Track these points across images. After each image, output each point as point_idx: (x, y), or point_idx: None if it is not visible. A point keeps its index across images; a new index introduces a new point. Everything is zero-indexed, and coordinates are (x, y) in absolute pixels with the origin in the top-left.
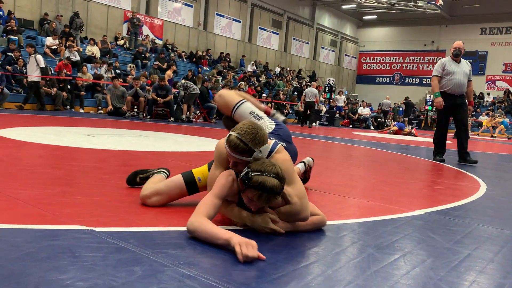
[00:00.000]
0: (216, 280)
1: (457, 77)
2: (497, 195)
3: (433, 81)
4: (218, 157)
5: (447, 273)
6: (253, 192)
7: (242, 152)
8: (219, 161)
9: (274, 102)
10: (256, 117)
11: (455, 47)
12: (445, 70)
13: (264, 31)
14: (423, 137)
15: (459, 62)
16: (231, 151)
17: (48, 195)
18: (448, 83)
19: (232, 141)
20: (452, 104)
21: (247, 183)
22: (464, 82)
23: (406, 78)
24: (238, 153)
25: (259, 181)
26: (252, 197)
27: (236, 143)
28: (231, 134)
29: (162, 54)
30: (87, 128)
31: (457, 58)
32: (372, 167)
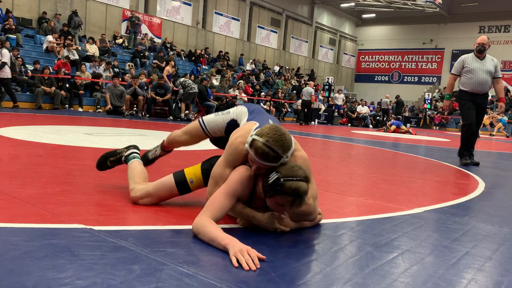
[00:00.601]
0: (214, 279)
1: (477, 76)
2: (495, 193)
3: (448, 80)
4: (232, 158)
5: (445, 271)
6: (285, 198)
7: (271, 160)
8: (231, 161)
9: (273, 101)
10: (224, 113)
11: (478, 42)
12: (465, 68)
13: (263, 30)
14: (421, 136)
15: (483, 58)
16: (258, 158)
17: (47, 194)
18: (468, 81)
19: (260, 149)
20: (475, 103)
21: (279, 189)
22: (487, 80)
23: (404, 77)
24: (266, 160)
25: (292, 187)
26: (283, 203)
27: (265, 151)
28: (257, 140)
29: (161, 52)
30: (86, 127)
31: (480, 55)
32: (371, 165)
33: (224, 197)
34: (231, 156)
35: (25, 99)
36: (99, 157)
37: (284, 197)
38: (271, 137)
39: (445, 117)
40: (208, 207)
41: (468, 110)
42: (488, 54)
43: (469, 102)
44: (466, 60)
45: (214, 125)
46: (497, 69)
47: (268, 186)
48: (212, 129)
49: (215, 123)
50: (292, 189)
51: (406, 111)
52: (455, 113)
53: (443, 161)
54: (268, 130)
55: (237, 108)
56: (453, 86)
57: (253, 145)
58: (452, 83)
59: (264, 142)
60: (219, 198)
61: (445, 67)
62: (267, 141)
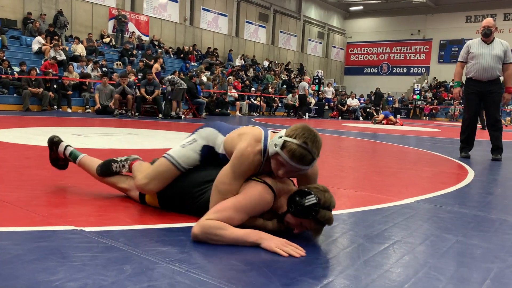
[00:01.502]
0: (207, 276)
1: (482, 61)
2: (484, 181)
3: (455, 68)
4: (243, 169)
5: (436, 260)
6: (313, 224)
7: (308, 163)
8: (241, 173)
9: (263, 96)
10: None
11: (484, 25)
12: (470, 54)
13: (251, 25)
14: (411, 126)
15: (490, 43)
16: (295, 162)
17: (36, 196)
18: (473, 68)
19: (297, 151)
20: (479, 91)
21: (314, 215)
22: (492, 66)
23: (393, 68)
24: (302, 164)
25: (326, 217)
26: (308, 227)
27: (303, 153)
28: (291, 142)
29: (149, 50)
30: (75, 128)
31: (487, 39)
32: (362, 157)
33: (235, 213)
34: (242, 167)
35: (12, 101)
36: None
37: (313, 223)
38: (307, 138)
39: (435, 107)
40: (217, 214)
41: (469, 103)
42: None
43: (472, 94)
44: (471, 45)
45: (187, 159)
46: (507, 54)
47: (303, 208)
48: (189, 164)
49: (188, 157)
50: (325, 219)
51: (396, 102)
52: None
53: (433, 151)
54: (302, 130)
55: (200, 132)
56: (461, 74)
57: (287, 148)
58: (459, 70)
59: (300, 144)
60: (230, 212)
61: (433, 58)
62: (305, 143)
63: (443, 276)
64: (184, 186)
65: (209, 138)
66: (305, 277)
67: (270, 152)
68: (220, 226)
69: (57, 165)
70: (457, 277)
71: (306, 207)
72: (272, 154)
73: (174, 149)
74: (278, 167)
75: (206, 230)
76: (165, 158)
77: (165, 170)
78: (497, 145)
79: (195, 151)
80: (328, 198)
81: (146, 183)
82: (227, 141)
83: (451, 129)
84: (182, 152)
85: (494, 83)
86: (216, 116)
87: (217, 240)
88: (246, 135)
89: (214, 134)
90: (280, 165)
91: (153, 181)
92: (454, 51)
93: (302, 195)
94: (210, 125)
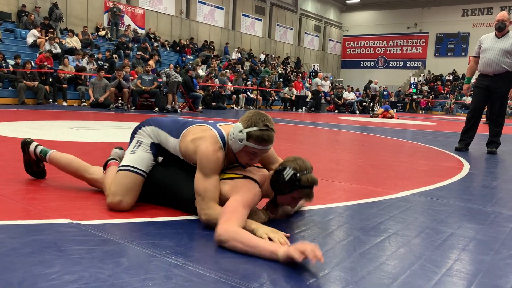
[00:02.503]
0: (203, 269)
1: (487, 55)
2: (479, 174)
3: (469, 63)
4: (212, 167)
5: (431, 252)
6: (302, 191)
7: (273, 140)
8: (212, 170)
9: (259, 90)
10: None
11: (498, 19)
12: (481, 48)
13: (247, 18)
14: (407, 120)
15: (501, 36)
16: (263, 145)
17: (32, 190)
18: (481, 62)
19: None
20: (486, 86)
21: (298, 184)
22: (497, 59)
23: (390, 62)
24: (270, 143)
25: (309, 180)
26: (300, 196)
27: (269, 135)
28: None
29: (144, 43)
30: (70, 121)
31: (500, 33)
32: (358, 151)
33: (244, 209)
34: (210, 165)
35: (7, 95)
36: None
37: (302, 190)
38: (263, 120)
39: (431, 100)
40: (232, 216)
41: (474, 96)
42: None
43: (478, 87)
44: (483, 39)
45: (143, 161)
46: None
47: (286, 183)
48: (147, 166)
49: (142, 159)
50: (309, 181)
51: (392, 96)
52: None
53: (429, 144)
54: (255, 116)
55: (141, 133)
56: (473, 69)
57: (252, 137)
58: (472, 65)
59: (262, 128)
60: (241, 209)
61: (430, 51)
62: (265, 125)
63: (438, 268)
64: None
65: (152, 136)
66: (301, 269)
67: (235, 148)
68: (239, 231)
69: (32, 172)
70: (452, 269)
71: (288, 181)
72: (239, 149)
73: (126, 159)
74: (250, 157)
75: (224, 234)
76: (124, 170)
77: (129, 181)
78: (494, 140)
79: (146, 151)
80: (302, 163)
81: (119, 202)
82: (182, 147)
83: (447, 123)
84: (134, 157)
85: (500, 78)
86: (212, 110)
87: (233, 245)
88: (201, 140)
89: (155, 131)
90: (251, 155)
91: (126, 197)
92: (450, 44)
93: (279, 173)
94: (146, 123)
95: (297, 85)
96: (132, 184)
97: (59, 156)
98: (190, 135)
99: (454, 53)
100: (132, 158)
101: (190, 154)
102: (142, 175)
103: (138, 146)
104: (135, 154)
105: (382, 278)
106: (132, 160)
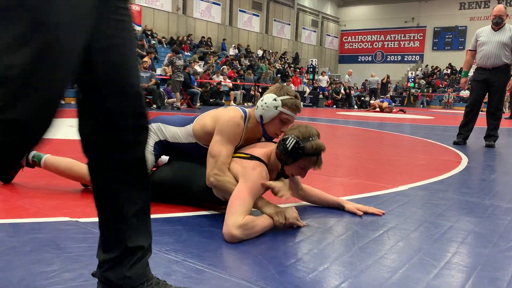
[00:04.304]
0: (202, 264)
1: (486, 48)
2: (477, 167)
3: (466, 57)
4: (232, 134)
5: (430, 246)
6: (308, 159)
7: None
8: (230, 139)
9: (257, 86)
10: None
11: (495, 14)
12: (478, 41)
13: (244, 14)
14: (403, 114)
15: (498, 29)
16: (295, 112)
17: (31, 188)
18: (479, 55)
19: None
20: (484, 79)
21: (301, 152)
22: (496, 53)
23: (388, 56)
24: (299, 111)
25: (314, 147)
26: (306, 165)
27: (299, 103)
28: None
29: (141, 41)
30: (69, 119)
31: (497, 27)
32: (356, 145)
33: (251, 197)
34: (230, 132)
35: None
36: None
37: (308, 158)
38: (291, 91)
39: (429, 94)
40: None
41: (472, 90)
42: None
43: (476, 81)
44: (480, 33)
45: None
46: None
47: (289, 153)
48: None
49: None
50: (314, 148)
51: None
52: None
53: (427, 138)
54: (283, 87)
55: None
56: (470, 63)
57: (288, 104)
58: (468, 59)
59: (293, 96)
60: (248, 199)
61: (427, 45)
62: (295, 95)
63: (437, 262)
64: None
65: (158, 133)
66: (300, 265)
67: (269, 116)
68: (252, 220)
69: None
70: (451, 262)
71: (291, 150)
72: (272, 117)
73: None
74: (281, 125)
75: (245, 228)
76: None
77: None
78: (492, 134)
79: (149, 153)
80: (305, 130)
81: None
82: (196, 128)
83: (445, 117)
84: None
85: (499, 70)
86: (210, 106)
87: (253, 234)
88: (224, 111)
89: (160, 128)
90: (281, 123)
91: None
92: (447, 38)
93: (282, 144)
94: (151, 121)
95: (295, 80)
96: None
97: (56, 161)
98: (208, 116)
99: (451, 47)
100: None
101: (208, 129)
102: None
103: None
104: None
105: (381, 272)
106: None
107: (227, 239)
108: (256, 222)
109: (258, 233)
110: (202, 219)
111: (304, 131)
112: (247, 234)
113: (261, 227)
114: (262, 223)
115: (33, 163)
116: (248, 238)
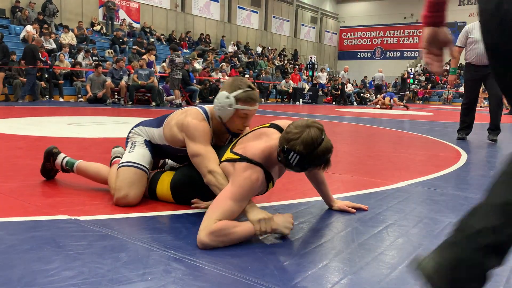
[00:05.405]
0: (202, 262)
1: (481, 46)
2: (477, 163)
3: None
4: (200, 134)
5: (429, 242)
6: (319, 164)
7: (258, 97)
8: (201, 137)
9: (256, 82)
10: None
11: None
12: (469, 39)
13: (243, 10)
14: (402, 110)
15: None
16: (253, 105)
17: (30, 186)
18: (471, 53)
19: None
20: (479, 76)
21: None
22: None
23: (387, 52)
24: (257, 101)
25: (322, 157)
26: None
27: (255, 93)
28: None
29: (140, 38)
30: (67, 117)
31: None
32: (356, 142)
33: (235, 204)
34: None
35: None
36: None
37: (317, 166)
38: (244, 83)
39: (428, 91)
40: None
41: (469, 89)
42: None
43: (471, 80)
44: (470, 30)
45: (143, 157)
46: None
47: (294, 168)
48: (147, 162)
49: (143, 155)
50: (322, 158)
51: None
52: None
53: (426, 134)
54: (236, 81)
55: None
56: (458, 60)
57: (241, 99)
58: (456, 56)
59: (246, 89)
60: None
61: None
62: (249, 86)
63: None
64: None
65: (143, 133)
66: (299, 261)
67: (226, 116)
68: (228, 226)
69: (47, 175)
70: None
71: (296, 165)
72: (229, 115)
73: (125, 157)
74: (242, 121)
75: (216, 235)
76: (124, 166)
77: (132, 175)
78: (496, 124)
79: (143, 148)
80: (308, 138)
81: (125, 195)
82: (166, 133)
83: (444, 113)
84: (133, 154)
85: None
86: (209, 103)
87: (228, 241)
88: (184, 115)
89: (144, 129)
90: (242, 119)
91: (131, 190)
92: None
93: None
94: (135, 126)
95: (294, 77)
96: (135, 177)
97: (87, 166)
98: (173, 120)
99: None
100: (131, 155)
101: (176, 134)
102: (143, 170)
103: (134, 145)
104: (133, 152)
105: (381, 268)
106: (131, 157)
107: (198, 245)
108: (234, 229)
109: (236, 241)
110: (202, 217)
111: (307, 141)
112: (220, 241)
113: (239, 234)
114: (242, 230)
115: (66, 169)
116: (222, 245)
